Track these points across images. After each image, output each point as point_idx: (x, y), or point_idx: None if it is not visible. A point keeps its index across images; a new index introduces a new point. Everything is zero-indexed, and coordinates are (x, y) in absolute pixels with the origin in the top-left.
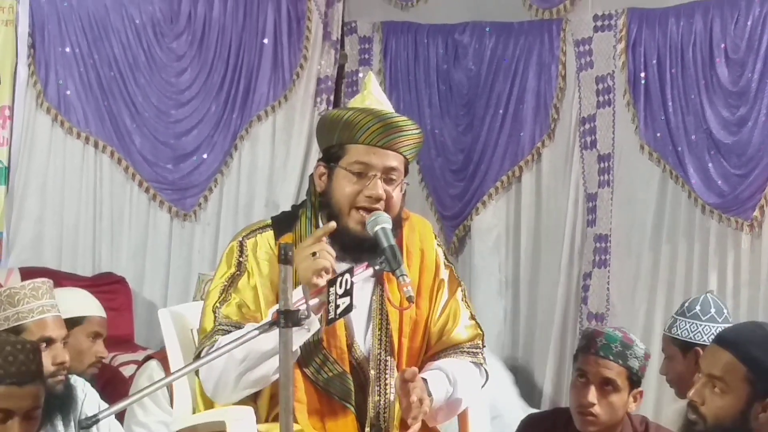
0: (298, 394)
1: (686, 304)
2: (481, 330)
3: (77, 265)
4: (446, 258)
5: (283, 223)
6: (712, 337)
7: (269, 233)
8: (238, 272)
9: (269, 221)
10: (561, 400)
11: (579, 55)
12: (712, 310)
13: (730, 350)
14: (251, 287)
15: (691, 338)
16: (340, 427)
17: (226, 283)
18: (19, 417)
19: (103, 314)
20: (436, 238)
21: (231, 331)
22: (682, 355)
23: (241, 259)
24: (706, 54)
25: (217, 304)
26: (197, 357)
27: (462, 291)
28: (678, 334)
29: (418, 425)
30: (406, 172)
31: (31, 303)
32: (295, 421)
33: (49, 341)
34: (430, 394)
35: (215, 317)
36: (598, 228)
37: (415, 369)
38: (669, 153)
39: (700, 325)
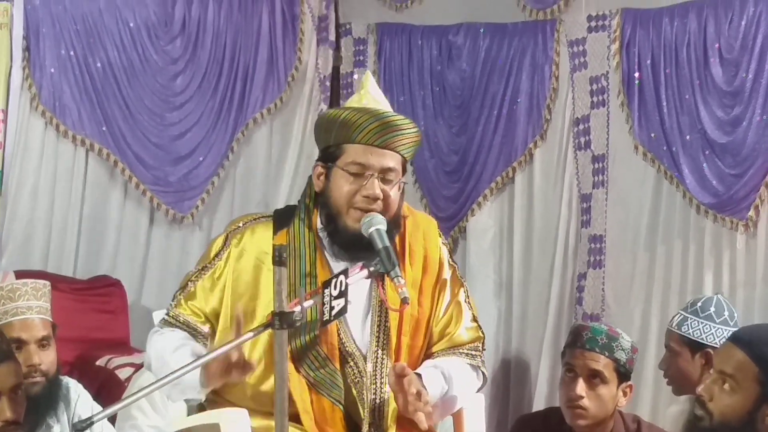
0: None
1: (699, 304)
2: (482, 333)
3: (73, 269)
4: (451, 257)
5: (283, 218)
6: (723, 340)
7: (269, 224)
8: (209, 265)
9: (271, 213)
10: (555, 400)
11: (573, 55)
12: (726, 313)
13: (744, 349)
14: (218, 288)
15: (702, 339)
16: (328, 424)
17: (195, 273)
18: (5, 396)
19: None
20: (440, 236)
21: (174, 326)
22: (690, 354)
23: (220, 253)
24: (700, 54)
25: (180, 291)
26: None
27: (465, 291)
28: (689, 333)
29: (422, 416)
30: (404, 171)
31: (30, 302)
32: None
33: (20, 342)
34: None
35: (171, 302)
36: (592, 228)
37: (404, 364)
38: (663, 153)
39: (714, 327)
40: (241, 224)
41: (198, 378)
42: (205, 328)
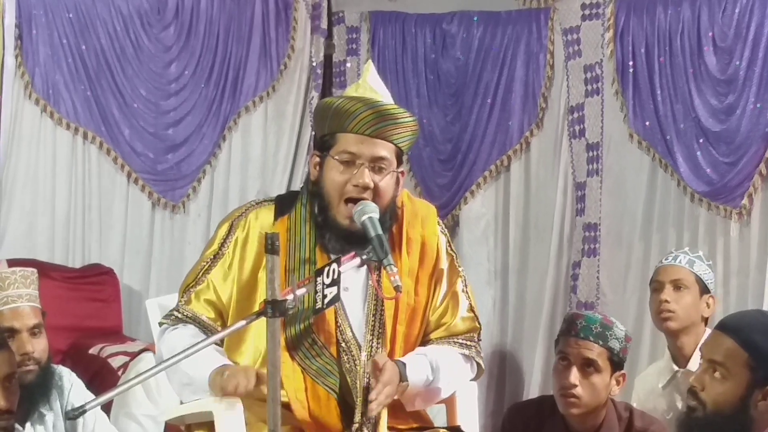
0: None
1: (698, 252)
2: (479, 323)
3: (67, 257)
4: (449, 246)
5: (285, 203)
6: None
7: (271, 208)
8: (218, 254)
9: (273, 198)
10: (550, 388)
11: (567, 44)
12: None
13: (732, 336)
14: (230, 278)
15: (709, 283)
16: (323, 411)
17: (205, 264)
18: None
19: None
20: (440, 224)
21: (186, 322)
22: (699, 294)
23: (226, 240)
24: (694, 42)
25: (191, 286)
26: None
27: (462, 281)
28: (701, 275)
29: (376, 405)
30: (400, 161)
31: (20, 290)
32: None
33: (12, 331)
34: (405, 379)
35: (182, 298)
36: (587, 217)
37: (385, 355)
38: (658, 141)
39: (712, 275)
40: (244, 210)
41: (208, 381)
42: (218, 327)
